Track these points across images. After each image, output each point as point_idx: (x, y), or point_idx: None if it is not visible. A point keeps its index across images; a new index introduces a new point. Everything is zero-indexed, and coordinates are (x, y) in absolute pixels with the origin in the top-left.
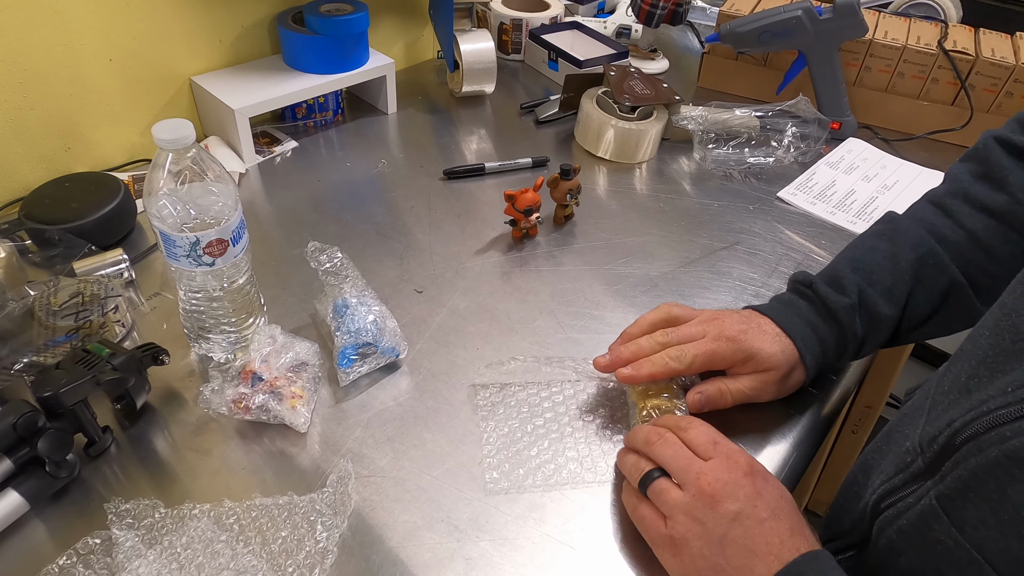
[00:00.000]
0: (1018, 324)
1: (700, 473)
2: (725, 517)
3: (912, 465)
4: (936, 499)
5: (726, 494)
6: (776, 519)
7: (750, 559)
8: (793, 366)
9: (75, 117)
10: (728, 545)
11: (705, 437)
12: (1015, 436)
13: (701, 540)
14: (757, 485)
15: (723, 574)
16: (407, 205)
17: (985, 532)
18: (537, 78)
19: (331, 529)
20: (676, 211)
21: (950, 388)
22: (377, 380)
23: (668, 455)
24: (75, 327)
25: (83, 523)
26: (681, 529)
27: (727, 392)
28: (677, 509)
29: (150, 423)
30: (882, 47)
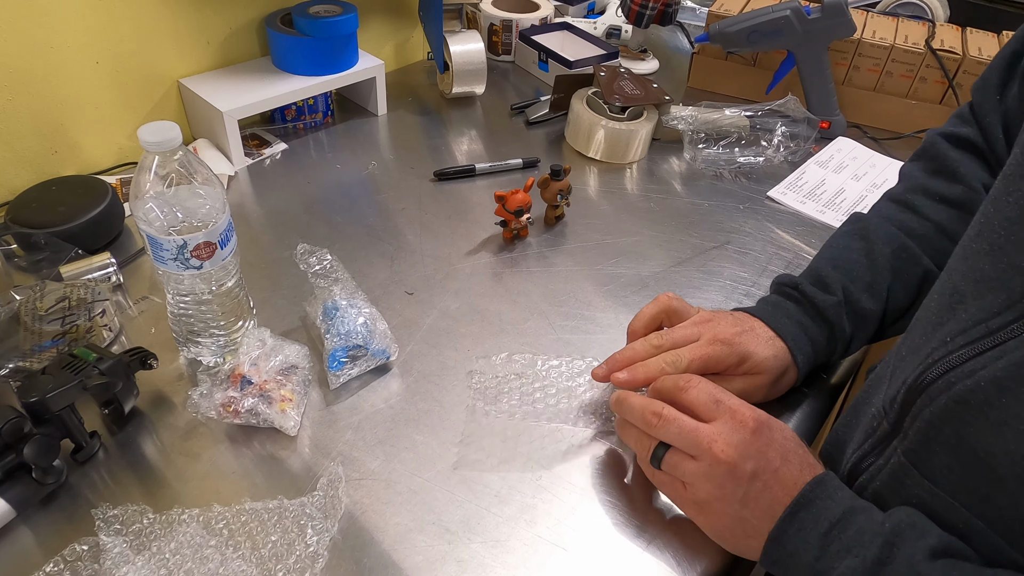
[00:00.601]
0: (955, 280)
1: (711, 440)
2: (743, 479)
3: (879, 429)
4: (903, 455)
5: (740, 456)
6: (787, 463)
7: (771, 506)
8: (785, 369)
9: (62, 120)
10: (750, 501)
11: (707, 396)
12: (959, 380)
13: (723, 502)
14: (765, 437)
15: (749, 523)
16: (398, 207)
17: (953, 477)
18: (527, 79)
19: (321, 533)
20: (667, 211)
21: (906, 352)
22: (368, 382)
23: (672, 435)
24: (62, 332)
25: (70, 529)
26: (703, 494)
27: None
28: (695, 476)
29: (138, 428)
30: (870, 46)
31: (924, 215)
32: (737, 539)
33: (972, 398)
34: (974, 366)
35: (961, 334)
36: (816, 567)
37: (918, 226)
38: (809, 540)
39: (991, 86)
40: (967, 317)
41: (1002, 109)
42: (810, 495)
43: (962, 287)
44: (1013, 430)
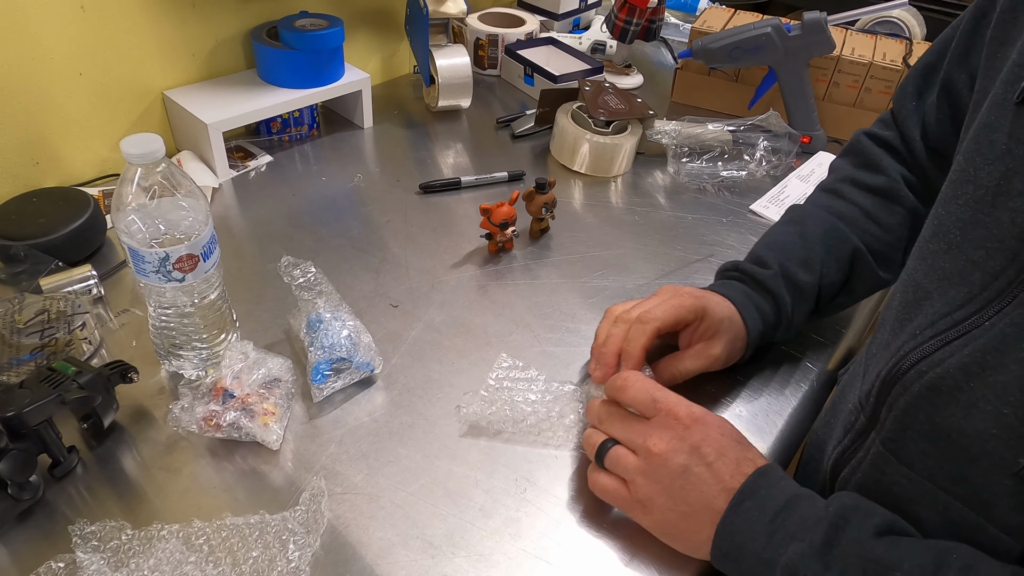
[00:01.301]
0: (917, 278)
1: (646, 436)
2: (676, 472)
3: (856, 423)
4: (881, 444)
5: (672, 450)
6: (722, 458)
7: (709, 501)
8: (738, 333)
9: (44, 131)
10: (687, 493)
11: (644, 395)
12: (930, 369)
13: (663, 496)
14: (698, 433)
15: (691, 518)
16: (383, 219)
17: (929, 461)
18: (513, 93)
19: (303, 548)
20: (651, 224)
21: (877, 350)
22: (352, 396)
23: (616, 429)
24: (40, 345)
25: (47, 546)
26: (644, 491)
27: (680, 375)
28: (635, 473)
29: (118, 442)
30: (850, 63)
31: (852, 201)
32: (684, 536)
33: (943, 384)
34: (943, 355)
35: (929, 327)
36: (763, 555)
37: (846, 210)
38: (755, 529)
39: (908, 94)
40: (933, 311)
41: (919, 115)
42: (754, 485)
43: (925, 284)
44: (981, 411)
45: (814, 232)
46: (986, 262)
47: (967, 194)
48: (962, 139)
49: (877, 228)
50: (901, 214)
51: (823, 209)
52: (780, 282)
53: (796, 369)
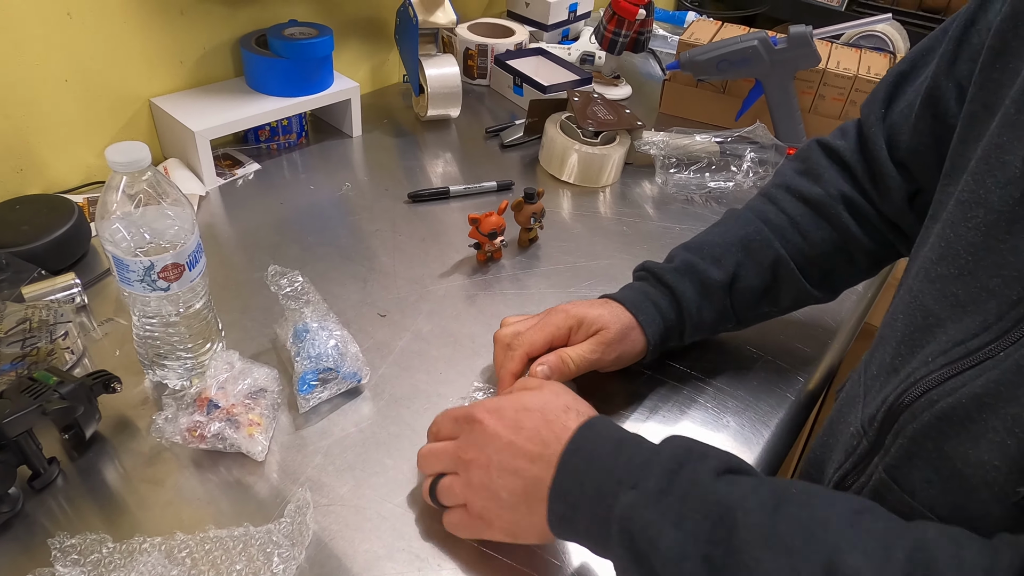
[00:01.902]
0: (926, 303)
1: (456, 452)
2: (490, 467)
3: (859, 447)
4: (884, 471)
5: (478, 452)
6: (519, 433)
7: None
8: (627, 324)
9: (28, 138)
10: (506, 484)
11: (449, 423)
12: (941, 398)
13: (493, 500)
14: (491, 425)
15: (523, 504)
16: (371, 228)
17: (932, 491)
18: (502, 103)
19: (288, 561)
20: (639, 234)
21: (878, 372)
22: (338, 406)
23: (435, 464)
24: (21, 354)
25: (26, 559)
26: (478, 505)
27: (568, 359)
28: (463, 491)
29: (100, 453)
30: (835, 76)
31: (782, 208)
32: (528, 526)
33: (954, 414)
34: (955, 384)
35: (941, 355)
36: (597, 511)
37: (775, 216)
38: (585, 484)
39: (877, 100)
40: (947, 339)
41: (887, 123)
42: (579, 440)
43: (936, 310)
44: (989, 441)
45: (735, 233)
46: (1002, 291)
47: (977, 217)
48: (958, 153)
49: (802, 240)
50: (826, 231)
51: (753, 213)
52: (679, 276)
53: (783, 380)
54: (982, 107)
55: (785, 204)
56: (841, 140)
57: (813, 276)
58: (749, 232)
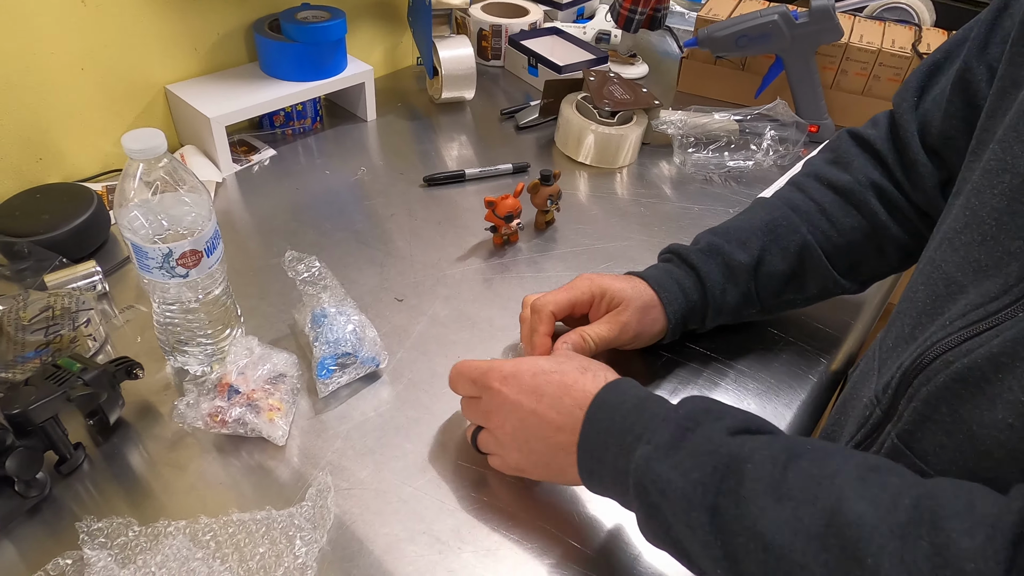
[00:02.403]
0: (948, 271)
1: (483, 416)
2: (517, 433)
3: (872, 417)
4: (897, 437)
5: (502, 418)
6: (541, 401)
7: (550, 442)
8: (648, 302)
9: (46, 127)
10: (534, 447)
11: (468, 385)
12: (957, 359)
13: (522, 455)
14: (511, 390)
15: (552, 465)
16: (387, 213)
17: (945, 455)
18: (517, 84)
19: (310, 544)
20: (657, 215)
21: (895, 344)
22: (357, 391)
23: (473, 417)
24: (45, 342)
25: (54, 543)
26: (512, 459)
27: (588, 338)
28: (495, 447)
29: (124, 439)
30: (858, 51)
31: (810, 195)
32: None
33: (969, 375)
34: (971, 346)
35: (960, 318)
36: (618, 464)
37: (802, 203)
38: (608, 440)
39: (910, 90)
40: (967, 303)
41: (919, 112)
42: (604, 396)
43: (959, 277)
44: (1005, 401)
45: (761, 218)
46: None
47: (1003, 183)
48: (984, 128)
49: (830, 227)
50: (855, 219)
51: (780, 199)
52: (707, 258)
53: (805, 362)
54: (1011, 83)
55: (813, 191)
56: (872, 130)
57: (841, 265)
58: (775, 217)
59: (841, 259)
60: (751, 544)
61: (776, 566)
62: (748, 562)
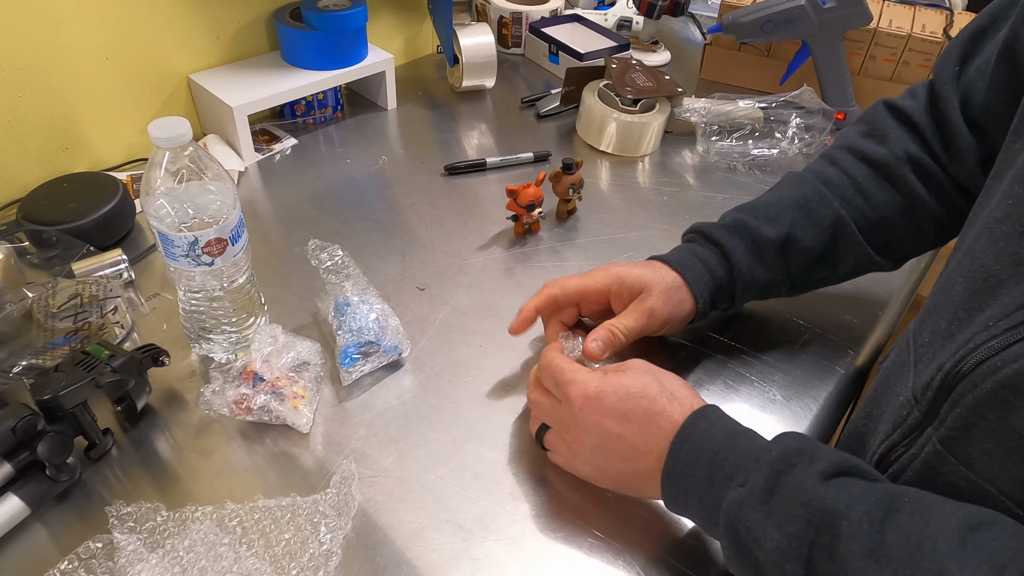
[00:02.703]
0: (987, 264)
1: (558, 423)
2: (594, 451)
3: (909, 417)
4: (940, 443)
5: (579, 434)
6: (627, 426)
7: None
8: (672, 284)
9: (72, 117)
10: (611, 467)
11: (550, 383)
12: (1005, 364)
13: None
14: (594, 412)
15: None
16: (408, 202)
17: (993, 463)
18: (538, 72)
19: (335, 531)
20: (680, 204)
21: (931, 339)
22: (380, 379)
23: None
24: (74, 329)
25: (84, 527)
26: (584, 471)
27: (617, 331)
28: (567, 454)
29: (151, 425)
30: (887, 36)
31: (844, 168)
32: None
33: (1019, 381)
34: (1019, 350)
35: (1004, 319)
36: (707, 499)
37: (835, 177)
38: (696, 473)
39: (951, 58)
40: (1009, 301)
41: (961, 82)
42: (691, 427)
43: (997, 270)
44: None
45: (791, 193)
46: None
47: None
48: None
49: (864, 202)
50: (891, 193)
51: (812, 173)
52: (729, 233)
53: (832, 354)
54: None
55: (847, 165)
56: (910, 101)
57: (875, 241)
58: (806, 192)
59: (876, 235)
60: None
61: None
62: None
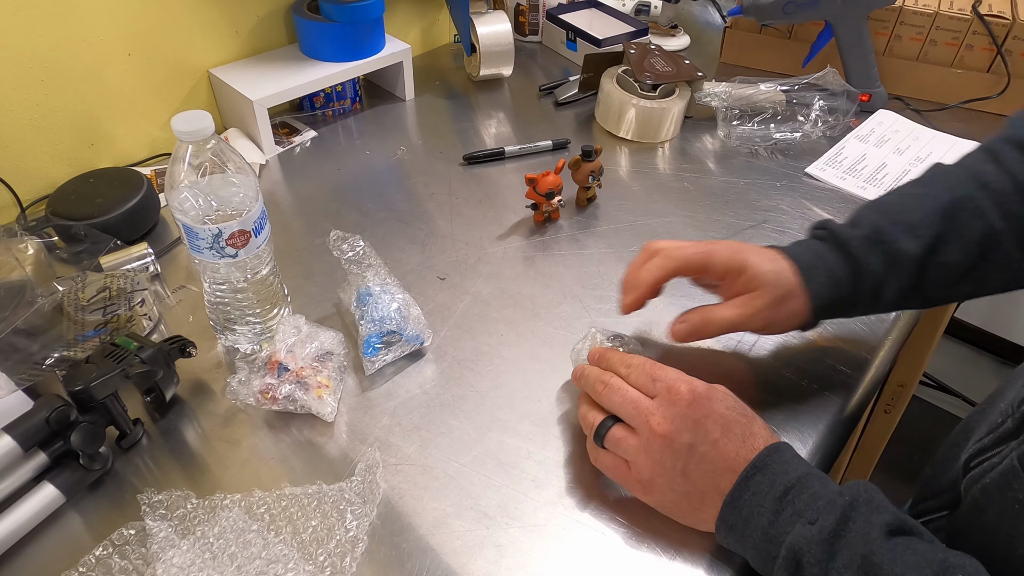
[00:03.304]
0: None
1: (648, 414)
2: (681, 452)
3: (1002, 426)
4: (1018, 459)
5: (675, 430)
6: (727, 435)
7: (712, 476)
8: (789, 291)
9: (97, 113)
10: (690, 474)
11: (645, 376)
12: None
13: (665, 477)
14: (702, 410)
15: (693, 497)
16: (427, 192)
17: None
18: (555, 59)
19: (361, 518)
20: (701, 190)
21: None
22: (402, 368)
23: (616, 402)
24: (103, 321)
25: (117, 514)
26: (646, 472)
27: (712, 321)
28: (636, 452)
29: (180, 415)
30: (913, 14)
31: (1007, 168)
32: (685, 513)
33: None
34: None
35: None
36: (769, 532)
37: (995, 179)
38: (764, 504)
39: None
40: None
41: None
42: (766, 459)
43: None
44: None
45: (939, 197)
46: None
47: None
48: None
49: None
50: None
51: (966, 172)
52: (869, 246)
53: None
54: None
55: (1011, 163)
56: None
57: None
58: (958, 197)
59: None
60: None
61: None
62: None
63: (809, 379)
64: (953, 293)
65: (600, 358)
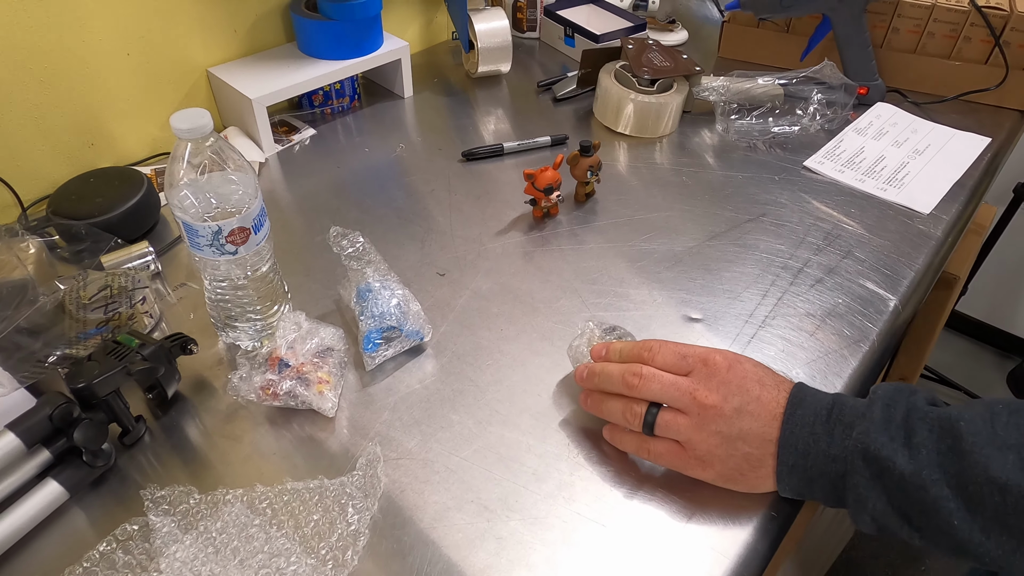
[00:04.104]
0: None
1: (693, 391)
2: (732, 417)
3: None
4: None
5: (722, 398)
6: (764, 388)
7: (763, 430)
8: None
9: (97, 113)
10: (746, 435)
11: (673, 355)
12: None
13: (723, 447)
14: (739, 372)
15: (752, 458)
16: (427, 188)
17: None
18: (553, 55)
19: (362, 511)
20: (699, 185)
21: None
22: (402, 364)
23: (655, 390)
24: (105, 319)
25: (121, 510)
26: (702, 447)
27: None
28: (689, 431)
29: (182, 411)
30: (910, 6)
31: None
32: (747, 476)
33: None
34: None
35: None
36: (830, 452)
37: None
38: (816, 431)
39: None
40: None
41: None
42: (799, 395)
43: None
44: None
45: None
46: None
47: None
48: None
49: None
50: None
51: None
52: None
53: None
54: None
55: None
56: None
57: None
58: None
59: None
60: (985, 489)
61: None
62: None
63: (808, 373)
64: None
65: (611, 351)
